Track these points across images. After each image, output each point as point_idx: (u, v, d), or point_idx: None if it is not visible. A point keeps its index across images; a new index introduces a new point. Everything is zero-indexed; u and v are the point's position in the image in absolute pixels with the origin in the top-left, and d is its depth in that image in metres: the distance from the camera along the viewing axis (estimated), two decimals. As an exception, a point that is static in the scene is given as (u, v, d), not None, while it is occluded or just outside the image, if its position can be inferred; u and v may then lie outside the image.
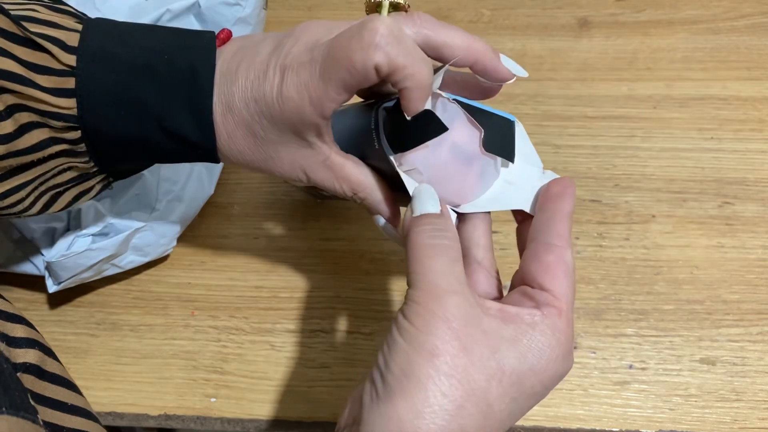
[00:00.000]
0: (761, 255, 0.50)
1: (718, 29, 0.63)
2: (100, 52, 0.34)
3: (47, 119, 0.34)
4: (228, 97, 0.34)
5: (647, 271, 0.50)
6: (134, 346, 0.49)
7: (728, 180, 0.53)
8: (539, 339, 0.29)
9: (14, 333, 0.29)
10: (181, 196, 0.51)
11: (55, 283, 0.47)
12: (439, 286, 0.29)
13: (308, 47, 0.33)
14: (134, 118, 0.34)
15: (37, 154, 0.34)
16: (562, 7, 0.66)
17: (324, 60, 0.32)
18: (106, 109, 0.34)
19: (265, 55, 0.34)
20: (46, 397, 0.28)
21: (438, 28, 0.34)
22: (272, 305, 0.50)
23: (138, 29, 0.36)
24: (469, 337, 0.28)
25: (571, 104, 0.59)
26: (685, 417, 0.44)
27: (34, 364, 0.28)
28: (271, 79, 0.33)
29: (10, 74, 0.32)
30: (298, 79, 0.33)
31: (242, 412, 0.46)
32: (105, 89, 0.34)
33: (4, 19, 0.32)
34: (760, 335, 0.46)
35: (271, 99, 0.34)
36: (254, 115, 0.34)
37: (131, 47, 0.34)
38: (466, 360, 0.27)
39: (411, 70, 0.31)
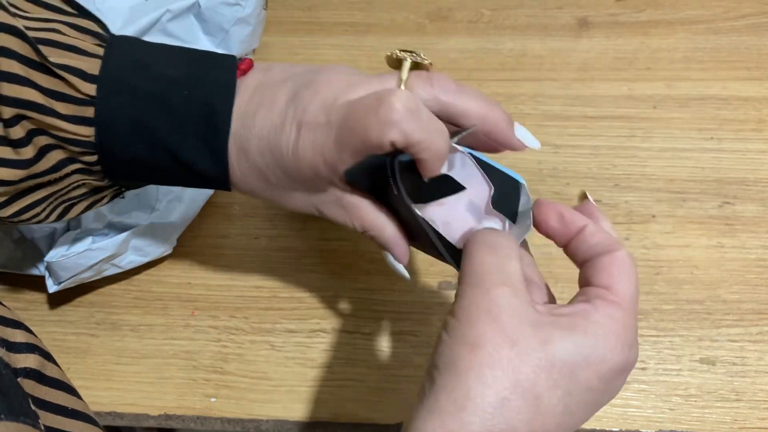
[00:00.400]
0: (761, 255, 0.50)
1: (718, 29, 0.63)
2: (120, 82, 0.34)
3: (65, 144, 0.34)
4: (244, 142, 0.35)
5: (647, 271, 0.50)
6: (134, 346, 0.49)
7: (728, 180, 0.53)
8: (593, 329, 0.27)
9: (14, 338, 0.29)
10: (181, 196, 0.51)
11: (55, 283, 0.47)
12: (487, 280, 0.28)
13: (325, 106, 0.33)
14: (150, 148, 0.35)
15: (54, 174, 0.35)
16: (562, 7, 0.66)
17: (340, 128, 0.32)
18: (124, 138, 0.34)
19: (282, 105, 0.34)
20: (47, 402, 0.28)
21: (456, 96, 0.34)
22: (272, 305, 0.50)
23: (160, 53, 0.36)
24: (516, 328, 0.27)
25: (571, 104, 0.59)
26: (685, 417, 0.44)
27: (35, 369, 0.28)
28: (287, 134, 0.34)
29: (31, 103, 0.33)
30: (313, 140, 0.33)
31: (242, 412, 0.46)
32: (123, 120, 0.34)
33: (26, 46, 0.33)
34: (760, 335, 0.46)
35: (287, 153, 0.34)
36: (269, 164, 0.35)
37: (151, 77, 0.34)
38: (511, 351, 0.26)
39: (426, 144, 0.32)
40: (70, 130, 0.34)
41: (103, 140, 0.34)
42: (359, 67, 0.62)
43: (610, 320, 0.28)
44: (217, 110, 0.34)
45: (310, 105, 0.33)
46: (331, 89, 0.34)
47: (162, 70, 0.34)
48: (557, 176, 0.55)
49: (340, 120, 0.33)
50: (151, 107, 0.34)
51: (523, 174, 0.55)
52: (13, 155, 0.33)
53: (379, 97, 0.32)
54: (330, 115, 0.33)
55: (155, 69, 0.34)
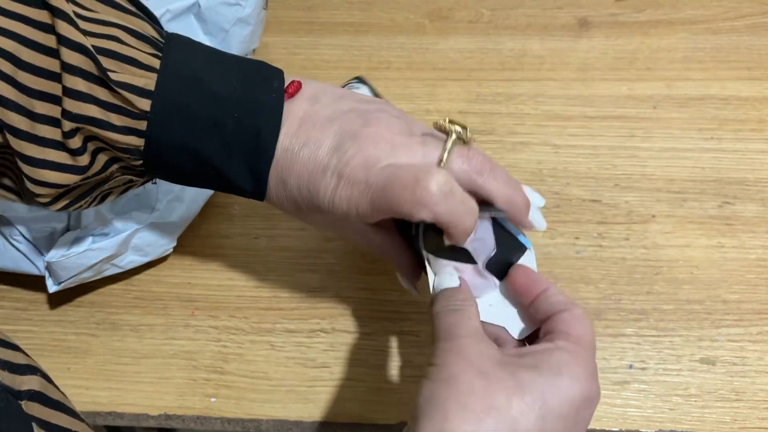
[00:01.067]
0: (761, 255, 0.50)
1: (718, 29, 0.63)
2: (172, 100, 0.36)
3: (115, 151, 0.36)
4: (285, 174, 0.37)
5: (647, 271, 0.50)
6: (134, 346, 0.49)
7: (728, 180, 0.53)
8: (557, 359, 0.31)
9: (16, 360, 0.29)
10: (181, 196, 0.51)
11: (56, 283, 0.47)
12: (454, 333, 0.32)
13: (367, 166, 0.35)
14: (195, 163, 0.37)
15: (103, 174, 0.37)
16: (562, 7, 0.66)
17: (376, 192, 0.35)
18: (171, 153, 0.37)
19: (326, 151, 0.36)
20: (51, 424, 0.28)
21: (487, 179, 0.36)
22: (272, 305, 0.50)
23: (212, 62, 0.37)
24: (486, 365, 0.30)
25: (571, 104, 0.59)
26: (685, 417, 0.44)
27: (39, 391, 0.28)
28: (328, 181, 0.36)
29: (91, 119, 0.34)
30: (350, 195, 0.36)
31: (242, 412, 0.46)
32: (173, 137, 0.36)
33: (89, 63, 0.34)
34: (760, 335, 0.46)
35: (324, 198, 0.37)
36: (305, 200, 0.37)
37: (203, 96, 0.36)
38: (483, 381, 0.29)
39: (455, 224, 0.35)
40: (122, 141, 0.35)
41: (151, 152, 0.36)
42: (359, 68, 0.62)
43: (573, 355, 0.31)
44: (263, 137, 0.36)
45: (353, 160, 0.36)
46: (375, 149, 0.36)
47: (213, 87, 0.36)
48: (557, 176, 0.55)
49: (378, 185, 0.35)
50: (201, 129, 0.36)
51: (523, 174, 0.55)
52: (71, 161, 0.35)
53: (416, 178, 0.34)
54: (369, 177, 0.35)
55: (207, 85, 0.36)
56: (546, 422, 0.29)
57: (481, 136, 0.57)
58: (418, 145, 0.36)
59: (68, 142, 0.34)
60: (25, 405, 0.27)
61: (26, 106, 0.33)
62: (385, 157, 0.36)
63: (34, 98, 0.33)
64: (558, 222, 0.52)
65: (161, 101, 0.35)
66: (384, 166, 0.35)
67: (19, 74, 0.33)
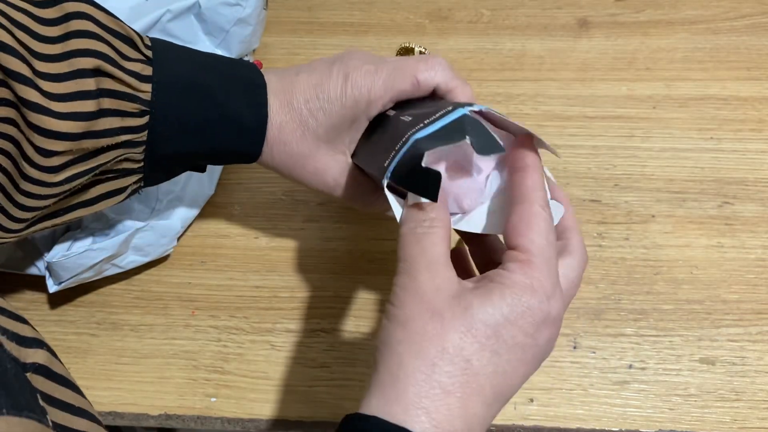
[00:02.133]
0: (761, 255, 0.50)
1: (718, 29, 0.63)
2: (171, 50, 0.40)
3: (125, 102, 0.38)
4: (288, 96, 0.41)
5: (647, 271, 0.50)
6: (135, 346, 0.49)
7: (728, 180, 0.54)
8: (508, 290, 0.29)
9: (24, 332, 0.29)
10: (181, 196, 0.51)
11: (56, 283, 0.47)
12: (413, 268, 0.31)
13: (367, 62, 0.41)
14: (199, 103, 0.39)
15: (108, 139, 0.38)
16: (562, 7, 0.66)
17: (390, 73, 0.40)
18: (177, 94, 0.39)
19: (325, 65, 0.42)
20: (55, 399, 0.28)
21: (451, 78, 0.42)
22: (272, 305, 0.50)
23: (198, 60, 0.42)
24: (439, 302, 0.29)
25: (570, 104, 0.59)
26: (685, 417, 0.44)
27: (44, 364, 0.29)
28: (335, 80, 0.41)
29: (107, 57, 0.37)
30: (362, 82, 0.40)
31: (242, 411, 0.46)
32: (177, 77, 0.39)
33: (105, 15, 0.38)
34: (760, 335, 0.46)
35: (335, 95, 0.41)
36: (312, 110, 0.41)
37: (194, 56, 0.41)
38: (437, 323, 0.29)
39: (461, 89, 0.41)
40: (133, 86, 0.37)
41: (158, 97, 0.38)
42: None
43: (523, 277, 0.29)
44: (255, 81, 0.41)
45: (351, 62, 0.41)
46: (362, 57, 0.42)
47: (201, 58, 0.41)
48: (557, 176, 0.55)
49: (389, 67, 0.41)
50: (201, 69, 0.40)
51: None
52: (78, 108, 0.36)
53: (423, 57, 0.42)
54: (377, 66, 0.41)
55: (196, 55, 0.41)
56: (500, 357, 0.29)
57: (481, 136, 0.57)
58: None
59: (81, 84, 0.36)
60: (30, 377, 0.27)
61: (30, 62, 0.35)
62: (375, 61, 0.42)
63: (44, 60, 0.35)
64: (558, 222, 0.52)
65: (160, 50, 0.40)
66: (387, 62, 0.41)
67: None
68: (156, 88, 0.38)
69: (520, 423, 0.44)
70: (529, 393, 0.45)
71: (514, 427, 0.44)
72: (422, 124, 0.35)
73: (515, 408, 0.44)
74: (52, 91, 0.35)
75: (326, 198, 0.55)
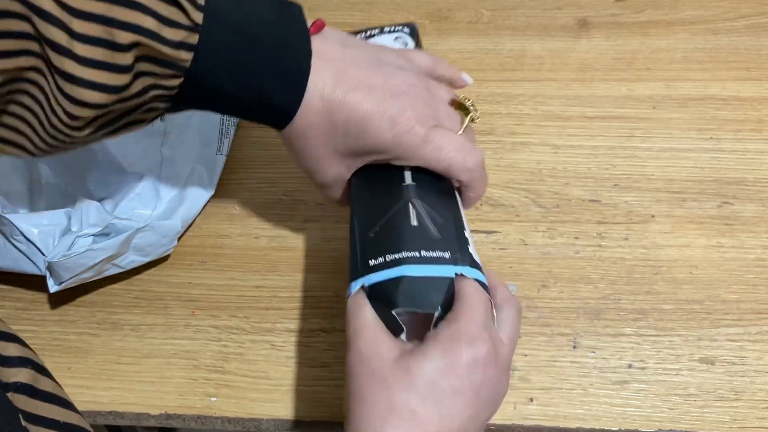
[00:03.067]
0: (760, 255, 0.50)
1: (718, 30, 0.63)
2: (223, 15, 0.37)
3: (159, 68, 0.36)
4: (335, 107, 0.40)
5: (646, 271, 0.50)
6: (135, 346, 0.49)
7: (727, 180, 0.54)
8: (438, 344, 0.33)
9: (6, 352, 0.29)
10: (181, 196, 0.51)
11: (56, 283, 0.47)
12: (354, 340, 0.35)
13: (419, 119, 0.41)
14: (239, 80, 0.38)
15: (137, 100, 0.37)
16: (562, 7, 0.66)
17: (431, 151, 0.41)
18: (217, 68, 0.37)
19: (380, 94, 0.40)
20: (39, 416, 0.29)
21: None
22: (272, 305, 0.50)
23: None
24: (383, 368, 0.33)
25: (570, 104, 0.59)
26: (685, 416, 0.44)
27: (26, 383, 0.29)
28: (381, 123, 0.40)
29: (149, 31, 0.34)
30: (405, 144, 0.40)
31: (243, 411, 0.46)
32: (222, 50, 0.37)
33: None
34: (759, 335, 0.46)
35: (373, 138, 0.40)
36: (347, 131, 0.40)
37: (247, 14, 0.38)
38: (385, 387, 0.33)
39: (476, 189, 0.43)
40: (172, 55, 0.35)
41: (198, 66, 0.37)
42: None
43: (448, 331, 0.34)
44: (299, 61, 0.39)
45: (404, 105, 0.40)
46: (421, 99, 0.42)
47: (254, 9, 0.39)
48: (556, 176, 0.55)
49: (432, 146, 0.40)
50: (247, 44, 0.38)
51: (523, 174, 0.55)
52: (111, 80, 0.34)
53: (470, 152, 0.41)
54: (427, 130, 0.40)
55: (249, 7, 0.38)
56: (443, 403, 0.32)
57: (480, 136, 0.57)
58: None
59: (117, 57, 0.34)
60: (11, 396, 0.27)
61: (67, 23, 0.33)
62: (429, 117, 0.41)
63: (81, 18, 0.33)
64: (557, 222, 0.52)
65: (212, 16, 0.36)
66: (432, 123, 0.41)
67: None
68: (197, 57, 0.36)
69: (519, 423, 0.44)
70: (529, 393, 0.45)
71: (514, 426, 0.44)
72: (418, 254, 0.37)
73: (515, 408, 0.44)
74: (85, 55, 0.33)
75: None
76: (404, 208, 0.40)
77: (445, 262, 0.37)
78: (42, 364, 0.31)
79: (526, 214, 0.53)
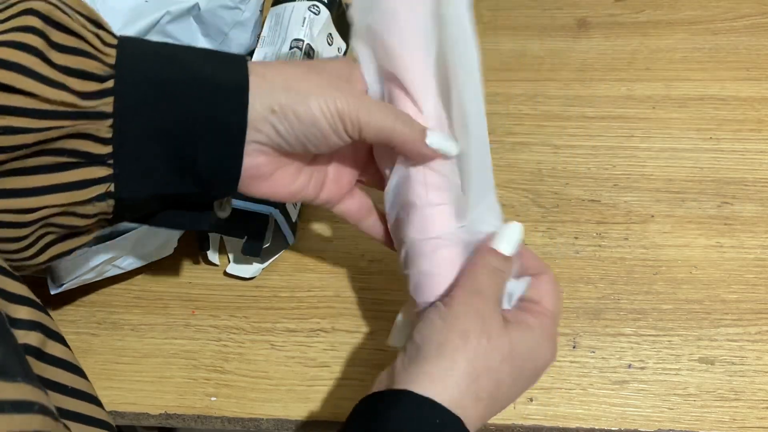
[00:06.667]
0: (760, 255, 0.50)
1: (717, 30, 0.63)
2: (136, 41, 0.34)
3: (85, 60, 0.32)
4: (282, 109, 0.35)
5: (646, 271, 0.50)
6: (135, 346, 0.49)
7: (727, 180, 0.54)
8: (536, 337, 0.35)
9: (17, 314, 0.29)
10: (181, 197, 0.51)
11: (57, 285, 0.47)
12: (483, 294, 0.35)
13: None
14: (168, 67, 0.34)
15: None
16: (562, 7, 0.66)
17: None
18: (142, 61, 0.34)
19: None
20: (44, 379, 0.29)
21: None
22: (272, 305, 0.50)
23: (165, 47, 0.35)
24: (492, 328, 0.34)
25: (570, 104, 0.59)
26: (684, 416, 0.44)
27: (34, 345, 0.29)
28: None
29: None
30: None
31: (242, 411, 0.46)
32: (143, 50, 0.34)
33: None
34: (759, 335, 0.46)
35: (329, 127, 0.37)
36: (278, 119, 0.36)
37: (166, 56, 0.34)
38: (488, 343, 0.33)
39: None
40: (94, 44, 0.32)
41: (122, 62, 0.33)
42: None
43: (545, 330, 0.36)
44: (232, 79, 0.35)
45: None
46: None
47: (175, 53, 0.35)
48: (556, 176, 0.55)
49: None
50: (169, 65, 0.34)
51: (522, 174, 0.55)
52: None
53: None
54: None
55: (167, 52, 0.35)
56: (517, 383, 0.35)
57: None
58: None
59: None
60: None
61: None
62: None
63: None
64: (557, 222, 0.52)
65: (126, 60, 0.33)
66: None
67: None
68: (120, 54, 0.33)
69: (519, 422, 0.44)
70: (529, 392, 0.45)
71: (514, 426, 0.44)
72: None
73: (515, 407, 0.44)
74: None
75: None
76: None
77: (263, 202, 0.46)
78: (55, 330, 0.31)
79: (525, 214, 0.53)
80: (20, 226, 0.33)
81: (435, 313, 0.35)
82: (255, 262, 0.51)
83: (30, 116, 0.30)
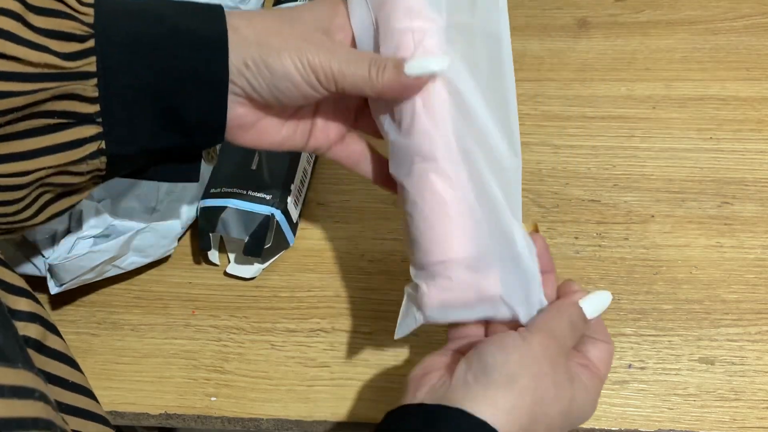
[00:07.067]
0: (760, 255, 0.50)
1: (717, 30, 0.63)
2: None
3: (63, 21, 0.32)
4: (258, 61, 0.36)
5: (646, 271, 0.50)
6: (135, 346, 0.49)
7: (727, 180, 0.54)
8: (589, 398, 0.36)
9: (16, 306, 0.29)
10: (182, 197, 0.51)
11: (57, 285, 0.47)
12: (558, 339, 0.35)
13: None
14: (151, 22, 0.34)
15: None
16: (562, 7, 0.66)
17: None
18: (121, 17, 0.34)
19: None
20: (45, 372, 0.29)
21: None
22: (272, 305, 0.50)
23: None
24: (561, 379, 0.34)
25: (570, 104, 0.59)
26: (684, 416, 0.44)
27: (34, 338, 0.29)
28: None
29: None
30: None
31: (242, 411, 0.46)
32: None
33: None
34: (759, 335, 0.46)
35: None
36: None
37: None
38: (554, 394, 0.34)
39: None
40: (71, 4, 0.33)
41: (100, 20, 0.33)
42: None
43: (597, 391, 0.36)
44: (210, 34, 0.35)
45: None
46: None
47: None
48: (556, 176, 0.55)
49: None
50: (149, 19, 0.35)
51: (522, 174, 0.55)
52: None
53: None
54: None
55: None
56: (562, 425, 0.35)
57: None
58: None
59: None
60: None
61: None
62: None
63: None
64: (557, 222, 0.52)
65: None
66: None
67: None
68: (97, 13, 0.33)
69: (519, 422, 0.44)
70: (529, 392, 0.45)
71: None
72: (244, 192, 0.51)
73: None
74: None
75: (326, 198, 0.55)
76: (252, 153, 0.52)
77: (265, 203, 0.49)
78: (52, 323, 0.31)
79: (525, 214, 0.53)
80: (17, 189, 0.34)
81: (513, 343, 0.34)
82: (255, 262, 0.51)
83: (16, 80, 0.31)
